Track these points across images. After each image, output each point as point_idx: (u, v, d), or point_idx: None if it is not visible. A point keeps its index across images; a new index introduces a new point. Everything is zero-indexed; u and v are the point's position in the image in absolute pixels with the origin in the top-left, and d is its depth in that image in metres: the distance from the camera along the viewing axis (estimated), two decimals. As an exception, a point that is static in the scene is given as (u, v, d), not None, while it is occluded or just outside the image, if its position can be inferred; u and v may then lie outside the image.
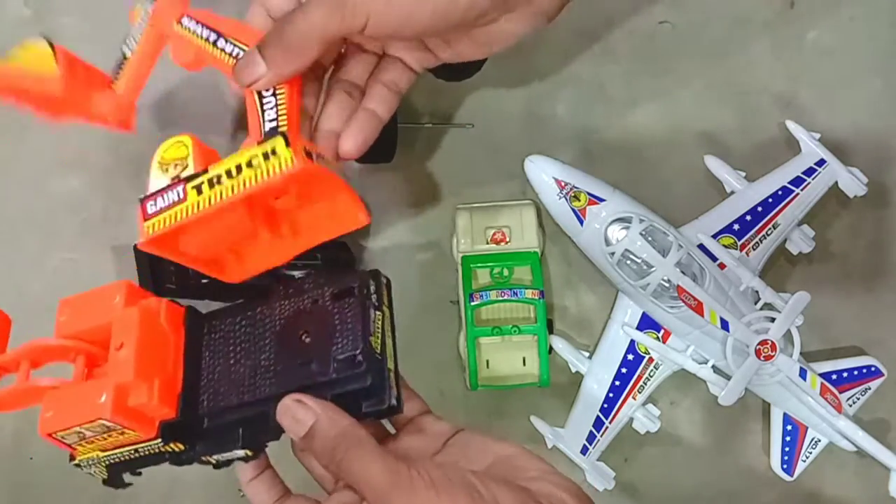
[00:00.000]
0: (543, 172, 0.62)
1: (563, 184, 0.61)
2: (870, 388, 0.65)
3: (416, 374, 0.45)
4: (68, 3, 0.64)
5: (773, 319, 0.61)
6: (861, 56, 0.66)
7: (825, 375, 0.64)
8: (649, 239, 0.60)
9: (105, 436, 0.40)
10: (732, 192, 0.65)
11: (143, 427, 0.40)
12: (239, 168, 0.38)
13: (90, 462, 0.42)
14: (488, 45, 0.45)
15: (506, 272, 0.64)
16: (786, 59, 0.66)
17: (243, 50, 0.42)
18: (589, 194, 0.61)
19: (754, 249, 0.64)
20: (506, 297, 0.62)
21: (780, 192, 0.64)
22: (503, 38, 0.44)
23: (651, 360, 0.64)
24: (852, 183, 0.64)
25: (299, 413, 0.39)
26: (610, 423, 0.64)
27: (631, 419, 0.65)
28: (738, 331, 0.60)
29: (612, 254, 0.61)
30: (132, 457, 0.42)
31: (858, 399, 0.65)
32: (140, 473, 0.44)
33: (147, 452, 0.42)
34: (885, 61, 0.66)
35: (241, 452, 0.42)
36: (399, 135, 0.64)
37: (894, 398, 0.67)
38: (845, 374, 0.64)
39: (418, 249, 0.66)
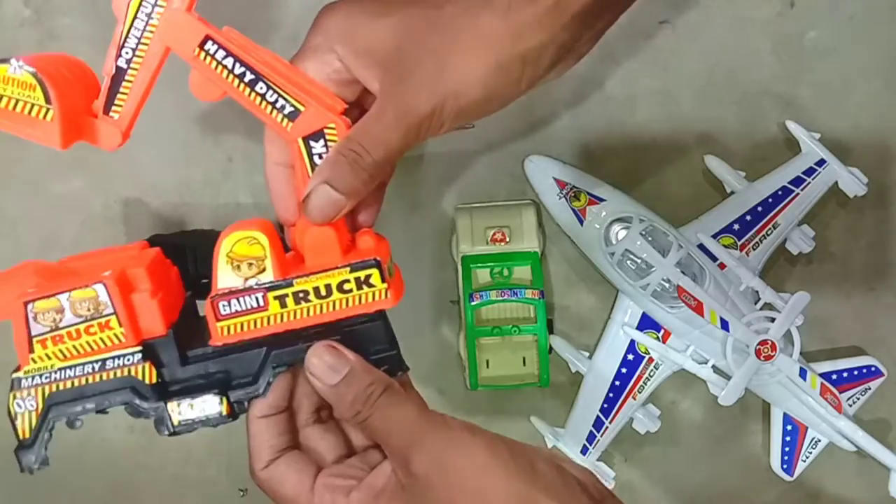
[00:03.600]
0: (543, 172, 0.62)
1: (563, 184, 0.61)
2: (870, 388, 0.65)
3: (416, 373, 0.45)
4: (68, 3, 0.64)
5: (773, 319, 0.61)
6: (861, 56, 0.66)
7: (825, 375, 0.64)
8: (649, 239, 0.60)
9: (83, 329, 0.37)
10: (732, 192, 0.65)
11: (131, 327, 0.38)
12: (329, 289, 0.38)
13: (31, 383, 0.38)
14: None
15: (506, 272, 0.64)
16: (786, 59, 0.66)
17: (289, 102, 0.38)
18: (589, 194, 0.61)
19: (754, 249, 0.64)
20: (506, 297, 0.62)
21: (780, 192, 0.64)
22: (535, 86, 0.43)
23: (651, 360, 0.64)
24: (852, 183, 0.64)
25: (334, 359, 0.39)
26: (610, 423, 0.64)
27: (631, 419, 0.65)
28: (738, 331, 0.60)
29: (612, 254, 0.61)
30: (89, 380, 0.38)
31: (858, 399, 0.65)
32: (75, 423, 0.40)
33: (110, 376, 0.38)
34: (885, 61, 0.66)
35: (213, 403, 0.39)
36: (399, 135, 0.64)
37: (894, 398, 0.67)
38: (845, 374, 0.64)
39: (418, 249, 0.66)
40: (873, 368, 0.65)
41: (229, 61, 0.38)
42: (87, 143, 0.39)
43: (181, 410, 0.39)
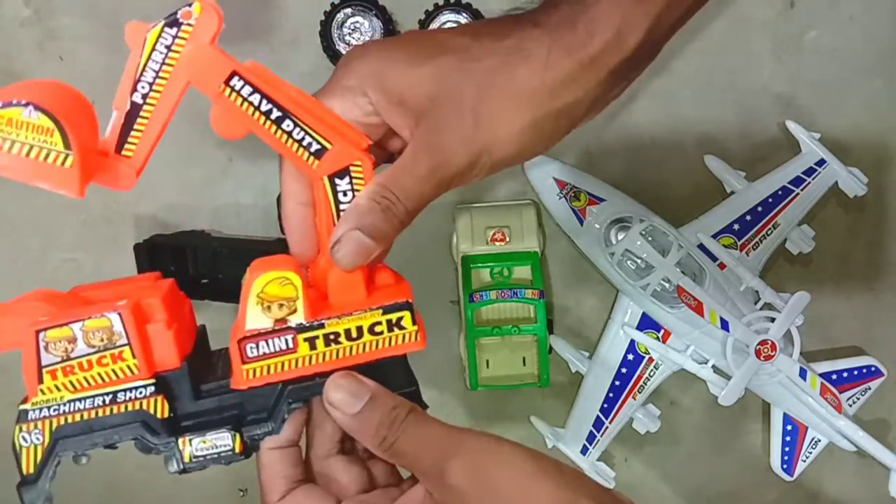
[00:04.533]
0: (543, 172, 0.62)
1: (563, 184, 0.61)
2: (870, 388, 0.65)
3: (416, 373, 0.45)
4: (68, 3, 0.64)
5: (773, 319, 0.61)
6: (861, 56, 0.66)
7: (825, 375, 0.64)
8: (649, 239, 0.60)
9: (95, 360, 0.36)
10: (732, 192, 0.65)
11: (144, 359, 0.36)
12: (360, 331, 0.37)
13: (39, 415, 0.37)
14: None
15: (506, 272, 0.64)
16: (786, 59, 0.66)
17: (316, 140, 0.37)
18: (589, 194, 0.61)
19: (754, 249, 0.64)
20: (506, 297, 0.62)
21: (780, 192, 0.64)
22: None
23: (651, 360, 0.64)
24: (852, 183, 0.64)
25: (354, 387, 0.38)
26: (610, 423, 0.64)
27: (631, 419, 0.65)
28: (738, 331, 0.60)
29: (612, 254, 0.61)
30: (98, 413, 0.37)
31: (858, 399, 0.65)
32: (81, 459, 0.39)
33: (121, 409, 0.37)
34: (885, 61, 0.66)
35: (226, 440, 0.38)
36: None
37: (894, 398, 0.67)
38: (845, 374, 0.64)
39: (418, 249, 0.66)
40: (873, 368, 0.65)
41: (255, 98, 0.36)
42: (101, 185, 0.36)
43: (193, 447, 0.38)
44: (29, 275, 0.67)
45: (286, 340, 0.37)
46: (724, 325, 0.60)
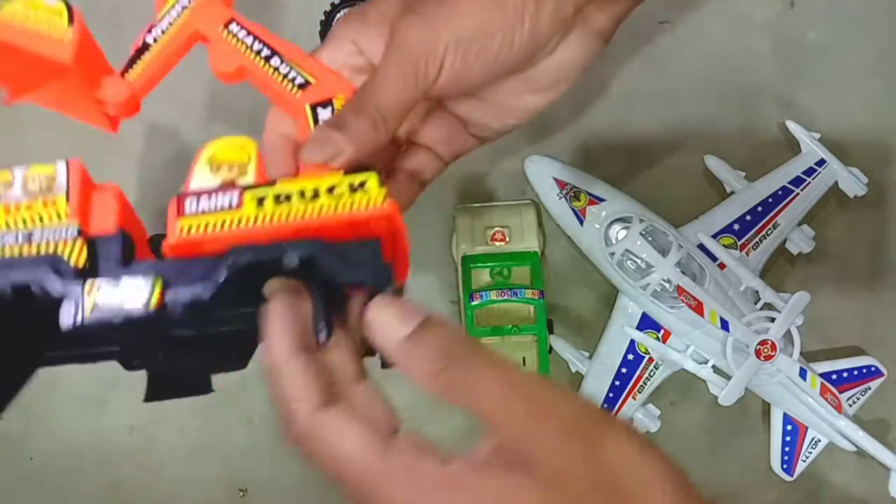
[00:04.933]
0: (543, 172, 0.62)
1: (563, 184, 0.61)
2: (870, 388, 0.65)
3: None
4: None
5: (773, 319, 0.61)
6: (861, 56, 0.66)
7: (825, 375, 0.64)
8: (649, 239, 0.60)
9: (24, 205, 0.32)
10: (732, 192, 0.65)
11: (77, 210, 0.32)
12: (316, 193, 0.32)
13: None
14: (548, 87, 0.41)
15: (506, 272, 0.64)
16: (786, 59, 0.66)
17: (301, 75, 0.38)
18: (589, 194, 0.61)
19: (754, 249, 0.64)
20: (506, 298, 0.62)
21: (780, 192, 0.64)
22: (563, 73, 0.41)
23: (651, 360, 0.64)
24: (852, 183, 0.64)
25: (402, 308, 0.31)
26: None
27: (631, 419, 0.65)
28: (738, 331, 0.60)
29: (612, 254, 0.61)
30: (4, 252, 0.31)
31: (858, 399, 0.65)
32: None
33: (32, 251, 0.31)
34: (885, 61, 0.66)
35: (143, 289, 0.31)
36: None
37: (894, 398, 0.67)
38: (845, 374, 0.64)
39: (418, 249, 0.66)
40: (873, 368, 0.65)
41: (249, 39, 0.39)
42: (94, 96, 0.37)
43: (100, 294, 0.31)
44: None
45: (230, 198, 0.32)
46: (724, 325, 0.60)
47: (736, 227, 0.63)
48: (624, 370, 0.64)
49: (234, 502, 0.67)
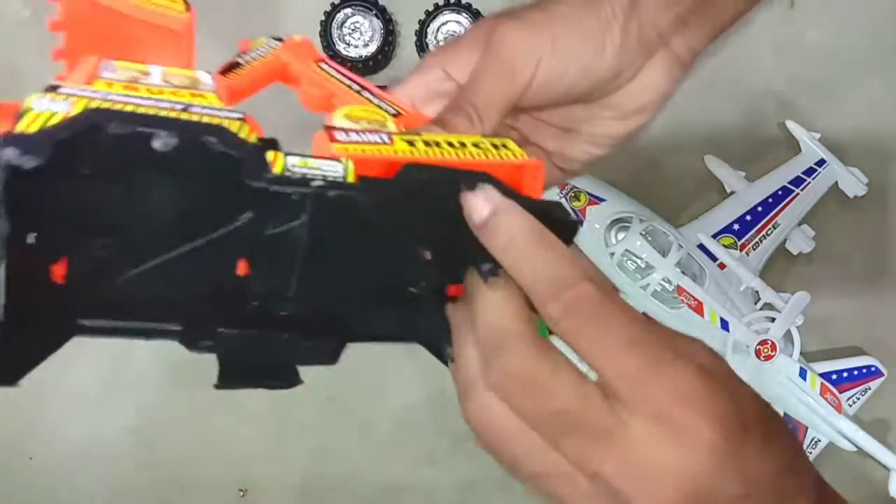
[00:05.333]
0: (543, 172, 0.62)
1: (563, 184, 0.61)
2: (870, 388, 0.65)
3: (417, 373, 0.46)
4: (68, 4, 0.65)
5: (773, 319, 0.61)
6: (861, 56, 0.66)
7: (825, 375, 0.64)
8: (649, 239, 0.60)
9: (169, 89, 0.28)
10: (732, 192, 0.65)
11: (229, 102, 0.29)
12: (462, 144, 0.30)
13: (76, 92, 0.26)
14: (632, 113, 0.41)
15: (506, 272, 0.64)
16: (786, 59, 0.66)
17: (391, 106, 0.38)
18: (589, 194, 0.61)
19: (754, 249, 0.64)
20: (506, 297, 0.62)
21: (780, 192, 0.64)
22: (646, 99, 0.41)
23: (651, 360, 0.64)
24: (852, 183, 0.64)
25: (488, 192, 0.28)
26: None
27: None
28: (738, 331, 0.60)
29: (612, 254, 0.61)
30: (159, 111, 0.25)
31: (858, 399, 0.65)
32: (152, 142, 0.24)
33: (193, 118, 0.26)
34: (885, 61, 0.66)
35: (337, 168, 0.26)
36: (399, 135, 0.64)
37: (894, 398, 0.67)
38: (845, 374, 0.64)
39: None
40: (873, 368, 0.65)
41: (339, 76, 0.38)
42: None
43: (288, 162, 0.26)
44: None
45: (381, 136, 0.29)
46: (724, 325, 0.60)
47: (736, 227, 0.63)
48: (624, 370, 0.64)
49: (234, 502, 0.67)
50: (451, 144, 0.30)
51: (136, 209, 0.25)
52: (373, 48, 0.63)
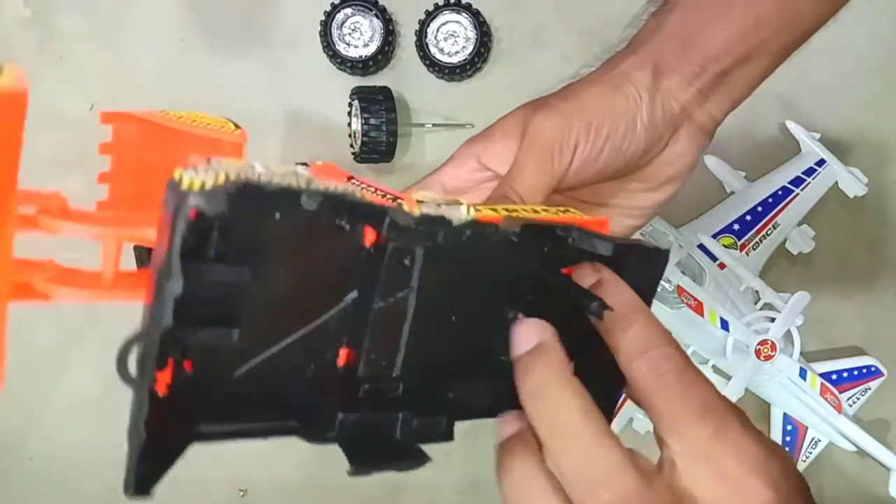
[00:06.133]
0: (543, 172, 0.62)
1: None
2: (870, 388, 0.65)
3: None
4: (68, 4, 0.64)
5: (773, 319, 0.61)
6: (861, 56, 0.66)
7: (825, 375, 0.64)
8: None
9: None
10: (732, 192, 0.65)
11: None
12: (536, 210, 0.31)
13: (220, 165, 0.23)
14: (663, 183, 0.43)
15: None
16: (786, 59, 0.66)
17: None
18: (589, 194, 0.61)
19: (754, 249, 0.64)
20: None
21: (780, 192, 0.64)
22: (676, 168, 0.42)
23: (651, 360, 0.64)
24: (852, 183, 0.64)
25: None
26: (610, 423, 0.64)
27: (631, 419, 0.65)
28: (738, 331, 0.60)
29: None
30: (309, 184, 0.24)
31: (858, 399, 0.65)
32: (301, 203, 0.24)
33: (356, 195, 0.25)
34: (885, 61, 0.66)
35: (459, 210, 0.28)
36: (399, 135, 0.64)
37: (894, 398, 0.67)
38: (845, 374, 0.64)
39: (418, 249, 0.66)
40: (873, 368, 0.65)
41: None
42: None
43: (422, 205, 0.27)
44: (29, 275, 0.67)
45: (465, 207, 0.28)
46: (724, 325, 0.60)
47: (736, 227, 0.63)
48: (624, 370, 0.64)
49: (234, 502, 0.67)
50: (524, 210, 0.31)
51: (258, 291, 0.25)
52: (373, 48, 0.63)
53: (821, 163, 0.64)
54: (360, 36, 0.63)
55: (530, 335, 0.29)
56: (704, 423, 0.28)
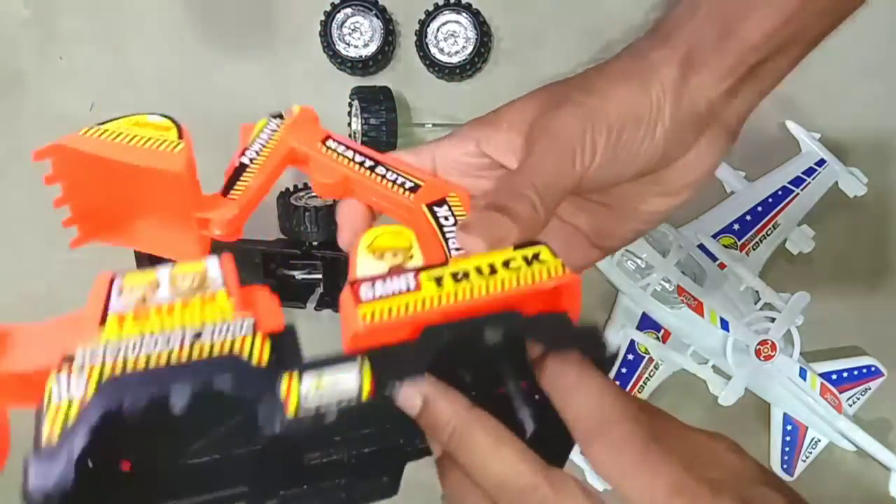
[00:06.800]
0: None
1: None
2: (870, 388, 0.65)
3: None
4: (68, 3, 0.64)
5: (773, 319, 0.61)
6: (861, 56, 0.66)
7: (825, 375, 0.64)
8: (649, 239, 0.61)
9: (179, 304, 0.28)
10: (732, 192, 0.65)
11: (241, 301, 0.28)
12: (492, 268, 0.30)
13: (89, 359, 0.26)
14: (678, 189, 0.40)
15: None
16: (786, 59, 0.66)
17: (407, 179, 0.38)
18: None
19: (754, 249, 0.64)
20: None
21: (780, 192, 0.64)
22: (693, 174, 0.40)
23: (651, 360, 0.64)
24: (852, 183, 0.64)
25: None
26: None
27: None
28: (738, 331, 0.60)
29: (612, 254, 0.61)
30: (171, 357, 0.26)
31: (858, 399, 0.65)
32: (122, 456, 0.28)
33: (204, 352, 0.27)
34: (885, 61, 0.66)
35: (351, 380, 0.27)
36: (399, 135, 0.64)
37: (894, 398, 0.67)
38: (845, 374, 0.64)
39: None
40: (873, 368, 0.65)
41: (349, 153, 0.39)
42: (202, 212, 0.36)
43: (303, 388, 0.27)
44: (29, 275, 0.67)
45: (407, 280, 0.30)
46: (724, 325, 0.60)
47: (736, 227, 0.63)
48: (624, 370, 0.64)
49: None
50: (480, 272, 0.30)
51: (179, 433, 0.28)
52: (373, 48, 0.63)
53: (821, 163, 0.64)
54: (360, 36, 0.63)
55: (412, 399, 0.29)
56: None
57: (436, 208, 0.37)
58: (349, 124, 0.63)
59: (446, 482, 0.31)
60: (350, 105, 0.63)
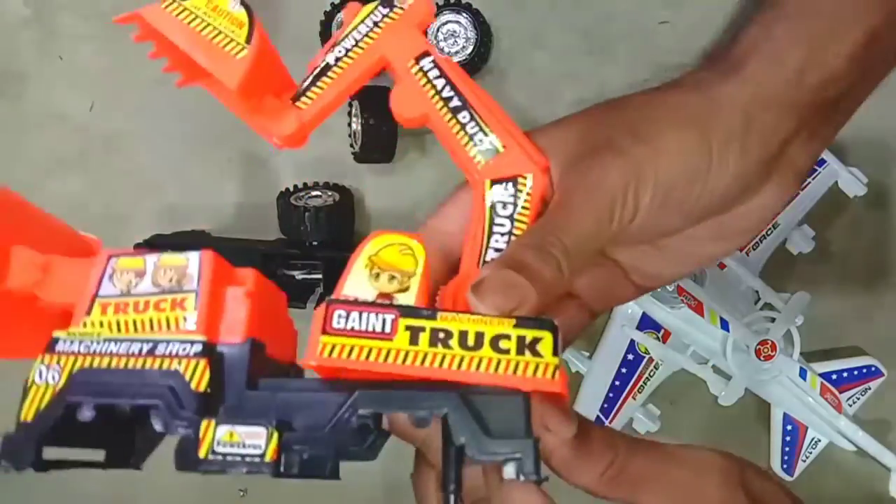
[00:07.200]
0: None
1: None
2: (870, 388, 0.65)
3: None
4: (68, 3, 0.64)
5: (773, 319, 0.61)
6: (861, 56, 0.66)
7: (825, 375, 0.64)
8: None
9: (154, 302, 0.30)
10: (732, 192, 0.65)
11: (206, 314, 0.29)
12: (480, 340, 0.28)
13: (67, 348, 0.29)
14: (735, 234, 0.36)
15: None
16: (786, 59, 0.66)
17: (486, 134, 0.33)
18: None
19: (754, 249, 0.64)
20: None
21: (780, 192, 0.64)
22: (754, 219, 0.35)
23: (651, 360, 0.64)
24: (852, 183, 0.64)
25: (561, 413, 0.30)
26: (610, 422, 0.64)
27: (631, 419, 0.65)
28: (738, 331, 0.60)
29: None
30: (128, 363, 0.29)
31: (858, 399, 0.65)
32: (85, 413, 0.29)
33: (154, 364, 0.29)
34: (885, 61, 0.66)
35: (258, 440, 0.28)
36: (399, 135, 0.64)
37: (894, 398, 0.67)
38: (845, 374, 0.64)
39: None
40: (873, 368, 0.65)
41: (440, 82, 0.34)
42: (260, 122, 0.34)
43: (216, 437, 0.28)
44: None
45: (384, 321, 0.29)
46: (724, 325, 0.60)
47: (736, 227, 0.64)
48: (624, 370, 0.64)
49: (234, 502, 0.67)
50: (464, 340, 0.28)
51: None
52: (373, 48, 0.63)
53: (821, 163, 0.64)
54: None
55: None
56: None
57: (498, 187, 0.33)
58: (349, 124, 0.63)
59: (414, 477, 0.34)
60: (350, 105, 0.63)
